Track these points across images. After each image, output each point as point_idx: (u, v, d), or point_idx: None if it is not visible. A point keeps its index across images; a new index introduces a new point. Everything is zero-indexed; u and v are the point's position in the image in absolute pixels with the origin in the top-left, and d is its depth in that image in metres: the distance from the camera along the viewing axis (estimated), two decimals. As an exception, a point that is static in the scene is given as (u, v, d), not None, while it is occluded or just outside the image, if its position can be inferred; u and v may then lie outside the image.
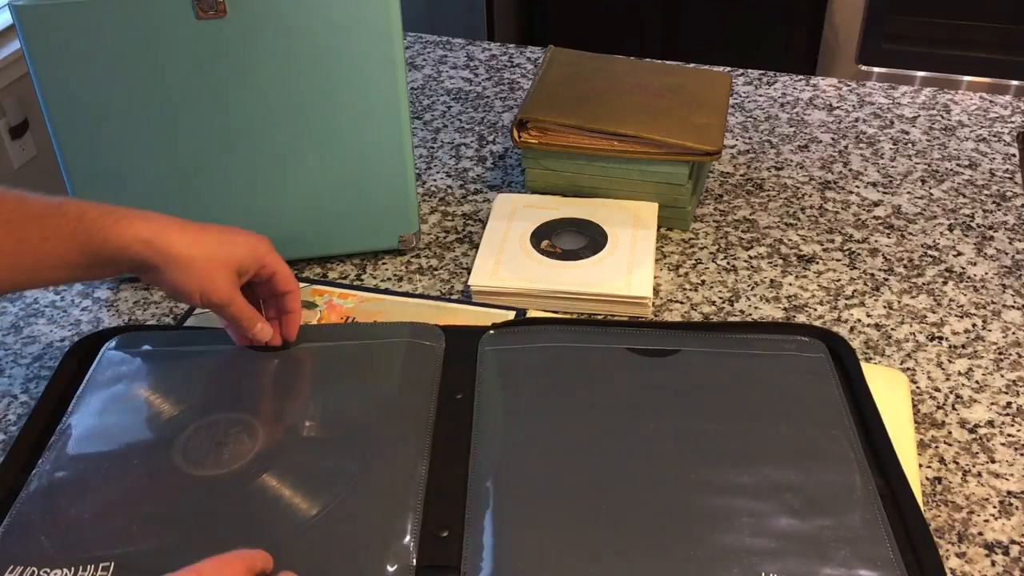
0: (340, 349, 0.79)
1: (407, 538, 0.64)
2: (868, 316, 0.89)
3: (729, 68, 1.29)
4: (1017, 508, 0.70)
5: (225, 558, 0.58)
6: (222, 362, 0.79)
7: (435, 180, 1.09)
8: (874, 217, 1.02)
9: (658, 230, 0.98)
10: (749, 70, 1.31)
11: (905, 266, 0.95)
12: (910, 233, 0.99)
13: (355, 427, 0.72)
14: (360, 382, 0.76)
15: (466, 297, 0.91)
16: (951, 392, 0.80)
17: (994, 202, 1.04)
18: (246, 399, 0.76)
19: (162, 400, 0.75)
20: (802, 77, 1.29)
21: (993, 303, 0.90)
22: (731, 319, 0.88)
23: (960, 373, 0.82)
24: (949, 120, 1.19)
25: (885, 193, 1.06)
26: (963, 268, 0.94)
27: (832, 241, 0.98)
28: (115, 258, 0.69)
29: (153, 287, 0.94)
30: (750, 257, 0.96)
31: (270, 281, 0.77)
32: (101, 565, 0.61)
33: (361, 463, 0.69)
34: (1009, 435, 0.76)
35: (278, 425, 0.72)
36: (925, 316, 0.88)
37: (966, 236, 0.99)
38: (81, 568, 0.61)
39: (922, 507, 0.67)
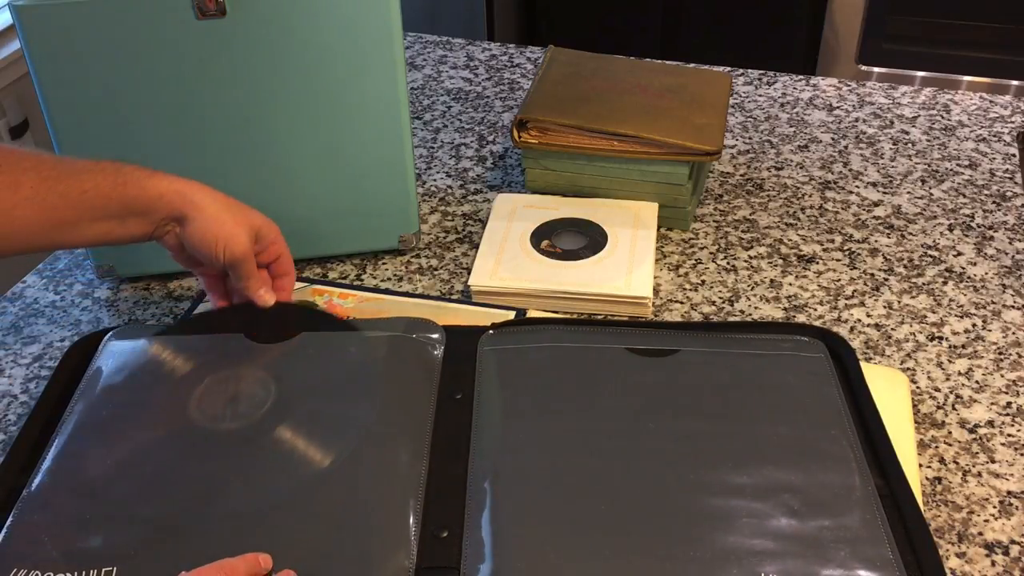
0: (337, 348, 0.79)
1: (407, 538, 0.64)
2: (868, 316, 0.89)
3: (729, 68, 1.29)
4: (1017, 508, 0.70)
5: (231, 562, 0.60)
6: (219, 358, 0.79)
7: (435, 180, 1.09)
8: (874, 217, 1.02)
9: (658, 230, 0.98)
10: (749, 70, 1.31)
11: (905, 266, 0.95)
12: (910, 233, 0.99)
13: (354, 427, 0.72)
14: (358, 382, 0.76)
15: (466, 297, 0.91)
16: (951, 392, 0.80)
17: (994, 202, 1.04)
18: (241, 398, 0.75)
19: (156, 395, 0.75)
20: (802, 77, 1.29)
21: (993, 303, 0.90)
22: (731, 319, 0.88)
23: (960, 373, 0.82)
24: (949, 120, 1.19)
25: (885, 193, 1.06)
26: (963, 268, 0.94)
27: (832, 241, 0.98)
28: (150, 207, 0.73)
29: (153, 288, 0.94)
30: (750, 257, 0.96)
31: (273, 264, 0.80)
32: (104, 570, 0.61)
33: (360, 464, 0.69)
34: (1009, 435, 0.76)
35: (275, 424, 0.72)
36: (925, 316, 0.88)
37: (966, 236, 0.99)
38: (84, 573, 0.61)
39: (922, 507, 0.67)
